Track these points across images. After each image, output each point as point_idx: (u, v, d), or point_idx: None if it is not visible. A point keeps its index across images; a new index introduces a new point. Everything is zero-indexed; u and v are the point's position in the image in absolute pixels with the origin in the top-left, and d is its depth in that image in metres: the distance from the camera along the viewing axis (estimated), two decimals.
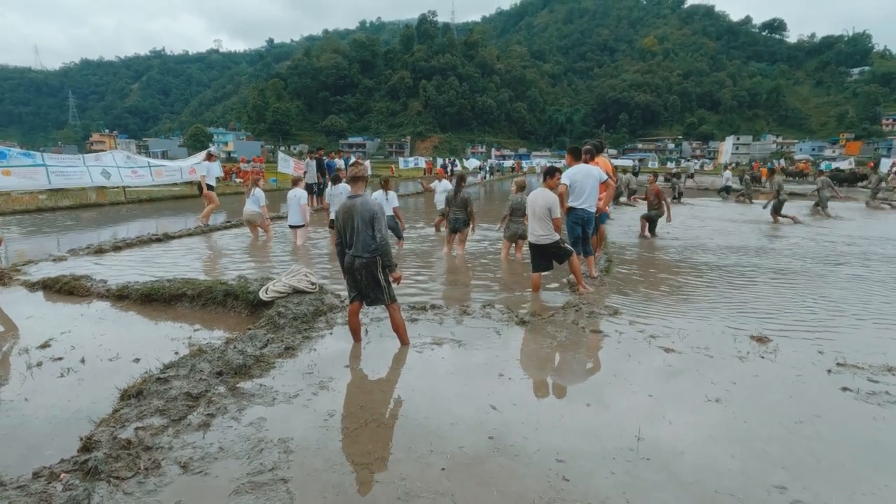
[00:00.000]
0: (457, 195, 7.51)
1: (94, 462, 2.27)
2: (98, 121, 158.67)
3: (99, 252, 7.49)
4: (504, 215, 7.56)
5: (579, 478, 2.35)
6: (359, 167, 3.89)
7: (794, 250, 8.63)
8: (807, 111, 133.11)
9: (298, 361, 3.63)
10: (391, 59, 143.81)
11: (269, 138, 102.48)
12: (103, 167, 15.80)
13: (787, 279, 6.44)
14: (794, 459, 2.52)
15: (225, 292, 5.04)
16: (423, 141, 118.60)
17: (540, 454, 2.53)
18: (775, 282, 6.30)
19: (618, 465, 2.44)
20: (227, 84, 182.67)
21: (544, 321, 4.57)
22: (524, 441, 2.64)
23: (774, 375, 3.53)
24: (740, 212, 15.33)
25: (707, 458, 2.52)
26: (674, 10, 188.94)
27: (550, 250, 5.34)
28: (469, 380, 3.38)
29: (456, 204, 7.49)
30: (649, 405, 3.07)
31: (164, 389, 2.98)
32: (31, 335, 4.18)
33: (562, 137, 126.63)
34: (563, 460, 2.47)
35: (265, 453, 2.47)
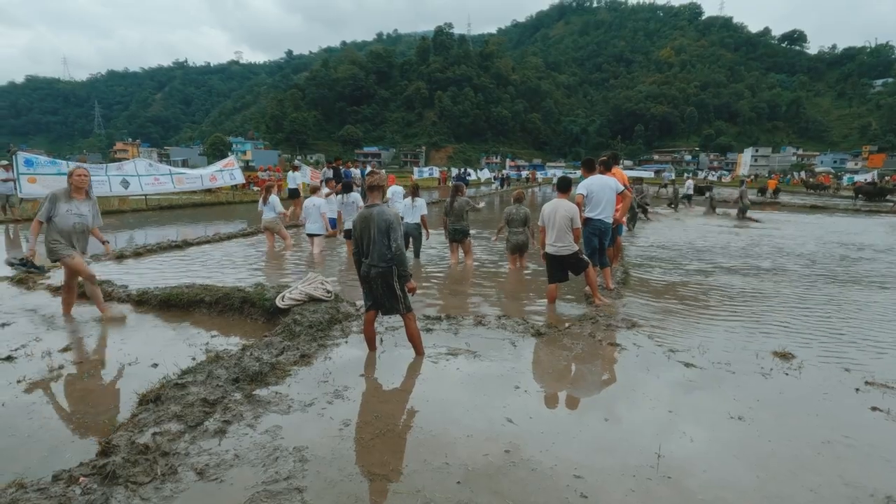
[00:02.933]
0: (452, 205, 7.49)
1: (112, 466, 2.29)
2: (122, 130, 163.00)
3: (120, 258, 7.64)
4: (500, 226, 7.56)
5: (597, 495, 2.29)
6: (376, 176, 3.90)
7: (814, 259, 8.43)
8: (828, 123, 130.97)
9: (314, 369, 3.64)
10: (407, 70, 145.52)
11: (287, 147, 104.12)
12: (123, 176, 16.19)
13: (811, 293, 6.28)
14: (821, 482, 2.43)
15: (242, 299, 5.08)
16: (438, 151, 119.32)
17: (557, 469, 2.48)
18: (800, 295, 6.15)
19: (637, 483, 2.38)
20: (247, 94, 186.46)
21: (560, 333, 4.51)
22: (541, 455, 2.59)
23: (799, 393, 3.43)
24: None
25: (730, 478, 2.45)
26: (691, 22, 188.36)
27: (568, 261, 5.30)
28: (484, 391, 3.35)
29: (453, 214, 7.46)
30: (669, 421, 3.00)
31: (181, 395, 3.00)
32: (53, 338, 4.26)
33: (577, 148, 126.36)
34: (580, 476, 2.42)
35: (280, 462, 2.46)
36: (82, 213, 4.77)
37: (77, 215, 4.71)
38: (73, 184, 4.75)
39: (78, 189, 4.78)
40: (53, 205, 4.62)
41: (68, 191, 4.75)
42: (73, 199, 4.74)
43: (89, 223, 4.85)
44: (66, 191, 4.75)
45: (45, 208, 4.61)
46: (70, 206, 4.70)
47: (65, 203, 4.67)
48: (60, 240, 4.64)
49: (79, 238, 4.78)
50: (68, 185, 4.78)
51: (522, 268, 7.43)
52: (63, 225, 4.63)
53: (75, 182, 4.76)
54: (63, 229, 4.63)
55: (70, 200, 4.72)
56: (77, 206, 4.74)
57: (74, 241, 4.74)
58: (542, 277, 6.29)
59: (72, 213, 4.68)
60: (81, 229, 4.77)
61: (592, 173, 6.06)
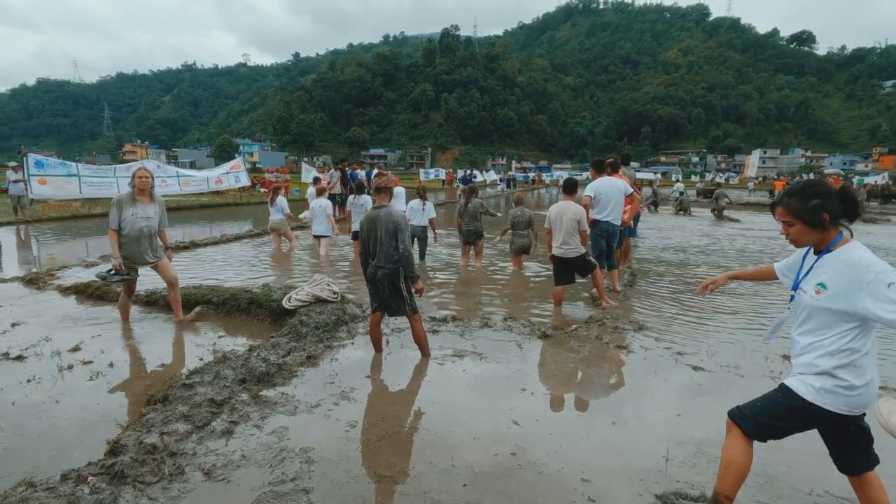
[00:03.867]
0: (467, 206, 7.50)
1: (120, 466, 2.30)
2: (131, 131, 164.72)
3: None
4: (504, 229, 7.55)
5: (605, 498, 2.27)
6: (383, 178, 3.91)
7: None
8: (837, 124, 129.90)
9: (320, 370, 3.64)
10: (413, 73, 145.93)
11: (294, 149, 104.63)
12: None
13: None
14: (830, 487, 2.40)
15: (249, 300, 5.10)
16: (444, 153, 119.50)
17: (564, 472, 2.46)
18: None
19: (644, 487, 2.36)
20: (254, 97, 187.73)
21: (567, 335, 4.49)
22: (548, 458, 2.58)
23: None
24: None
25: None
26: (698, 23, 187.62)
27: (575, 263, 5.28)
28: (491, 393, 3.34)
29: (468, 215, 7.47)
30: (677, 425, 2.97)
31: (188, 395, 3.02)
32: (63, 338, 4.30)
33: (583, 150, 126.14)
34: (588, 479, 2.41)
35: (287, 463, 2.47)
36: (149, 216, 4.58)
37: (144, 219, 4.53)
38: (136, 186, 4.57)
39: (142, 191, 4.59)
40: (120, 210, 4.45)
41: (132, 194, 4.57)
42: (139, 203, 4.55)
43: (156, 226, 4.68)
44: (130, 194, 4.57)
45: (113, 215, 4.44)
46: (136, 210, 4.51)
47: (130, 207, 4.49)
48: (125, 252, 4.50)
49: (148, 242, 4.61)
50: (131, 189, 4.60)
51: (520, 269, 7.42)
52: (131, 230, 4.47)
53: (138, 185, 4.56)
54: (131, 235, 4.48)
55: (135, 204, 4.53)
56: (143, 210, 4.56)
57: (146, 245, 4.59)
58: (548, 279, 6.28)
59: (138, 216, 4.50)
60: (149, 233, 4.60)
61: (602, 175, 6.04)
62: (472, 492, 2.29)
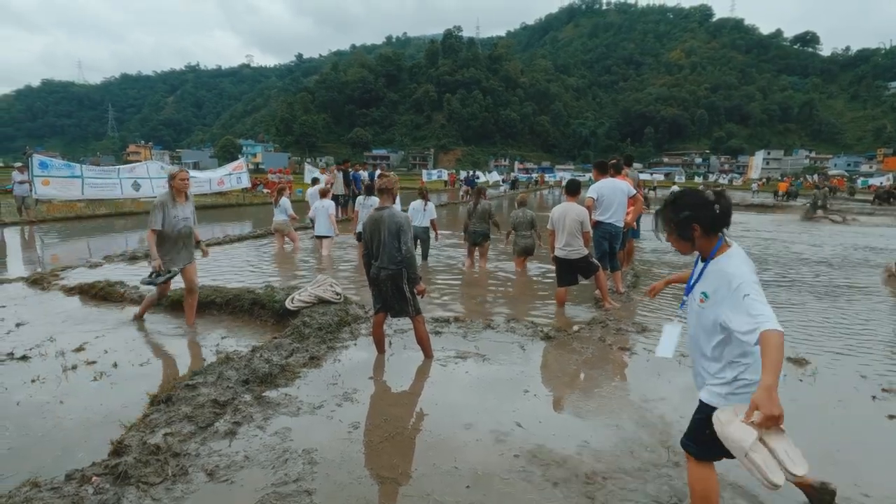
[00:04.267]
0: (476, 207, 7.51)
1: (124, 466, 2.30)
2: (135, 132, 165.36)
3: (132, 259, 7.72)
4: (507, 231, 7.57)
5: (609, 501, 2.27)
6: (385, 179, 3.91)
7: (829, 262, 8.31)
8: (842, 125, 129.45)
9: (323, 372, 3.64)
10: (416, 73, 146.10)
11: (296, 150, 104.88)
12: (135, 179, 16.40)
13: (829, 297, 6.19)
14: (838, 493, 2.38)
15: (252, 301, 5.11)
16: (447, 153, 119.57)
17: (568, 475, 2.45)
18: (814, 299, 6.06)
19: (650, 488, 2.35)
20: (258, 97, 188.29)
21: (570, 337, 4.49)
22: (551, 460, 2.57)
23: (814, 400, 3.38)
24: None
25: (746, 484, 2.41)
26: (701, 24, 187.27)
27: (578, 265, 5.27)
28: (493, 395, 3.33)
29: (476, 216, 7.47)
30: (682, 427, 2.95)
31: (192, 396, 3.02)
32: (67, 338, 4.31)
33: (586, 151, 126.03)
34: (591, 482, 2.40)
35: (290, 464, 2.47)
36: (187, 217, 4.60)
37: (183, 219, 4.54)
38: (176, 187, 4.54)
39: (180, 192, 4.58)
40: (163, 212, 4.42)
41: (172, 195, 4.53)
42: (178, 204, 4.54)
43: (192, 226, 4.69)
44: (170, 195, 4.53)
45: (157, 217, 4.39)
46: (176, 211, 4.50)
47: (172, 208, 4.47)
48: (165, 254, 4.48)
49: (186, 243, 4.62)
50: (170, 190, 4.54)
51: (523, 270, 7.43)
52: (171, 231, 4.46)
53: (178, 186, 4.54)
54: (171, 236, 4.47)
55: (175, 205, 4.51)
56: (182, 210, 4.56)
57: (182, 246, 4.58)
58: (551, 280, 6.27)
59: (178, 218, 4.50)
60: (188, 233, 4.62)
61: (604, 176, 6.03)
62: (475, 493, 2.29)
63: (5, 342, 4.23)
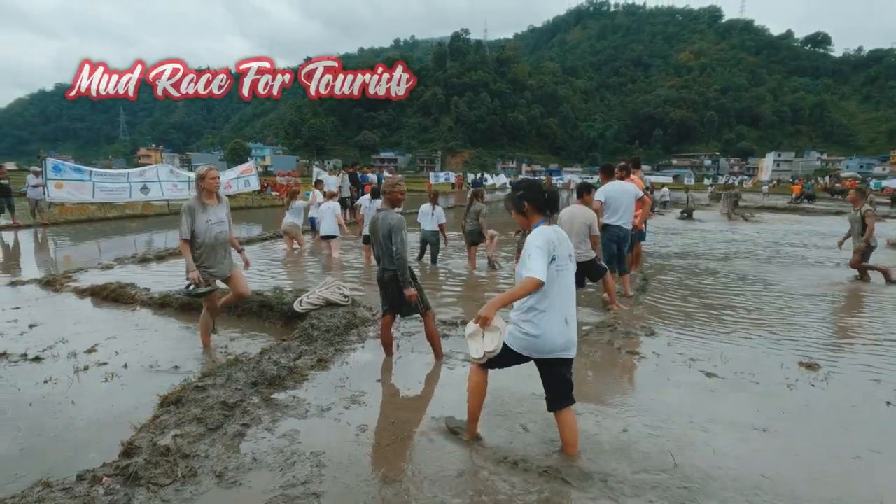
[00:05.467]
0: (469, 209, 7.66)
1: (134, 468, 2.32)
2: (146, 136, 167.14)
3: (143, 261, 7.81)
4: (517, 230, 7.56)
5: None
6: (387, 183, 3.90)
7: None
8: (854, 127, 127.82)
9: (331, 374, 3.65)
10: (424, 76, 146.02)
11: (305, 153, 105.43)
12: (144, 182, 16.59)
13: (836, 302, 6.12)
14: (851, 499, 2.35)
15: (260, 303, 5.15)
16: (454, 156, 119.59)
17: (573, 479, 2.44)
18: (825, 301, 5.99)
19: (657, 494, 2.33)
20: (266, 101, 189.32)
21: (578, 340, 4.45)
22: (559, 465, 2.55)
23: (826, 405, 3.33)
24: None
25: (755, 493, 2.38)
26: (710, 25, 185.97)
27: (586, 268, 5.25)
28: (501, 399, 3.32)
29: (470, 216, 7.60)
30: (690, 432, 2.94)
31: (201, 398, 3.04)
32: (79, 340, 4.37)
33: (594, 153, 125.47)
34: (604, 486, 2.38)
35: (298, 466, 2.48)
36: (222, 220, 4.06)
37: (217, 223, 4.01)
38: (205, 188, 3.99)
39: (210, 193, 4.03)
40: (192, 218, 3.90)
41: (200, 198, 3.99)
42: (209, 207, 4.00)
43: (228, 230, 4.14)
44: (198, 198, 3.99)
45: (186, 224, 3.87)
46: (208, 216, 3.97)
47: (202, 213, 3.94)
48: (204, 263, 4.01)
49: (224, 249, 4.13)
50: (198, 191, 4.02)
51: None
52: (206, 238, 3.94)
53: (208, 186, 3.98)
54: (206, 243, 3.95)
55: (206, 209, 3.98)
56: (215, 214, 4.03)
57: (222, 253, 4.11)
58: None
59: (212, 222, 3.97)
60: (224, 238, 4.10)
61: (611, 179, 6.01)
62: (482, 498, 2.28)
63: (19, 343, 4.29)
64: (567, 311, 2.53)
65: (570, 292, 2.57)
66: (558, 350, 2.52)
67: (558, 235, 2.53)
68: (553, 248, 2.44)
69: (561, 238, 2.53)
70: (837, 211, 22.47)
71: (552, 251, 2.44)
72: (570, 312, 2.56)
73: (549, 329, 2.46)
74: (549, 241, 2.45)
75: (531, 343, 2.49)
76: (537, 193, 2.60)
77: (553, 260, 2.43)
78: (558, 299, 2.48)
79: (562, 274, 2.50)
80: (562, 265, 2.49)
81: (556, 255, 2.46)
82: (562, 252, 2.50)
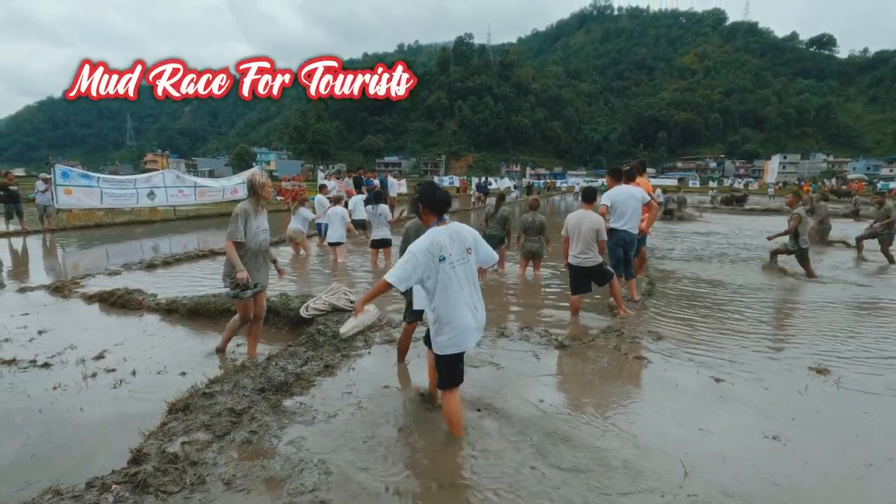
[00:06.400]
0: (496, 213, 7.56)
1: (143, 475, 2.33)
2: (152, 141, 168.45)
3: (150, 267, 7.85)
4: (517, 235, 7.56)
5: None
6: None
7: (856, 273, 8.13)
8: (860, 129, 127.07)
9: (337, 380, 3.65)
10: (428, 81, 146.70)
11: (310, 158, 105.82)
12: (151, 188, 16.71)
13: (846, 306, 6.06)
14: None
15: (267, 309, 5.14)
16: (458, 160, 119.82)
17: (582, 488, 2.42)
18: (834, 307, 5.94)
19: (665, 502, 2.31)
20: (271, 106, 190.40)
21: (584, 346, 4.44)
22: (562, 473, 2.54)
23: (838, 412, 3.30)
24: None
25: (766, 502, 2.35)
26: (714, 28, 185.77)
27: (593, 272, 5.24)
28: (507, 406, 3.30)
29: (494, 220, 7.51)
30: (699, 440, 2.91)
31: (209, 404, 3.05)
32: (87, 346, 4.39)
33: (598, 156, 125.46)
34: (606, 494, 2.36)
35: (305, 473, 2.47)
36: (266, 228, 4.07)
37: (263, 231, 4.04)
38: (265, 196, 3.99)
39: (265, 200, 4.04)
40: (247, 222, 3.87)
41: (255, 203, 3.97)
42: (259, 214, 4.02)
43: (269, 238, 4.17)
44: (254, 203, 3.96)
45: (240, 227, 3.81)
46: (258, 222, 3.96)
47: (253, 218, 3.92)
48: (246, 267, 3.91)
49: (265, 259, 4.12)
50: (254, 197, 3.96)
51: (537, 276, 7.41)
52: (253, 244, 3.93)
53: (266, 194, 3.99)
54: (251, 249, 3.94)
55: (257, 215, 3.98)
56: (262, 221, 4.03)
57: (262, 262, 4.08)
58: (562, 287, 6.22)
59: (260, 229, 3.99)
60: (267, 246, 4.11)
61: (618, 183, 5.99)
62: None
63: (28, 349, 4.32)
64: (474, 299, 2.79)
65: (471, 282, 2.79)
66: (473, 338, 2.80)
67: (450, 235, 2.75)
68: (440, 250, 2.67)
69: (454, 236, 2.76)
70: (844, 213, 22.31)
71: (438, 252, 2.66)
72: (478, 300, 2.82)
73: (463, 321, 2.71)
74: (435, 243, 2.68)
75: (453, 339, 2.73)
76: (429, 196, 2.84)
77: (442, 260, 2.66)
78: (460, 292, 2.71)
79: (458, 269, 2.73)
80: (457, 261, 2.72)
81: (445, 256, 2.67)
82: (455, 249, 2.73)
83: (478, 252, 2.88)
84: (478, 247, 2.89)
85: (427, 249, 2.66)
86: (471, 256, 2.81)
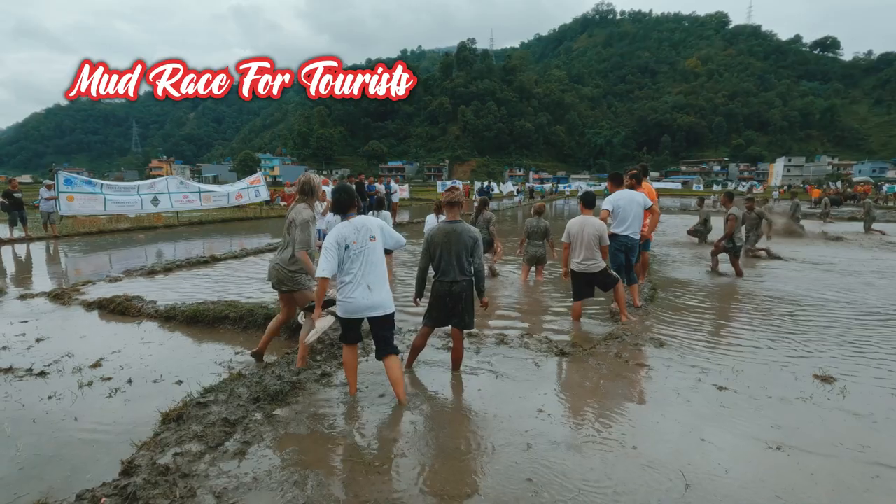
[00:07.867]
0: (477, 219, 7.68)
1: (133, 487, 2.30)
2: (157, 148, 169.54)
3: (151, 273, 7.85)
4: (521, 239, 7.54)
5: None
6: (456, 192, 3.82)
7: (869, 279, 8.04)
8: (866, 131, 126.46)
9: (334, 389, 3.61)
10: (431, 86, 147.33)
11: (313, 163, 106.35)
12: (154, 194, 16.77)
13: (852, 311, 5.97)
14: None
15: (266, 316, 5.12)
16: (462, 165, 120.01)
17: (582, 499, 2.37)
18: (844, 312, 5.85)
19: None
20: (276, 112, 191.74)
21: (585, 353, 4.39)
22: (564, 483, 2.49)
23: (843, 421, 3.23)
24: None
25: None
26: (717, 31, 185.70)
27: (597, 278, 5.19)
28: (507, 414, 3.26)
29: (478, 226, 7.53)
30: (702, 450, 2.85)
31: (203, 414, 3.02)
32: (85, 354, 4.37)
33: (601, 160, 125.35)
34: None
35: (299, 486, 2.43)
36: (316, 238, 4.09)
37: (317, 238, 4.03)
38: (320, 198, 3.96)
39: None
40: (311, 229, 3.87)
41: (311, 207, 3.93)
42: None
43: None
44: (311, 207, 3.93)
45: (312, 235, 3.81)
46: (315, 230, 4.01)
47: (313, 227, 3.95)
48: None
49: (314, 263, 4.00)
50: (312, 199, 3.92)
51: (540, 281, 7.38)
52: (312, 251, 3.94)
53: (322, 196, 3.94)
54: (311, 255, 3.92)
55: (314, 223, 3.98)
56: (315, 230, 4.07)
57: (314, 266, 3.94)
58: (563, 292, 6.17)
59: (316, 237, 4.03)
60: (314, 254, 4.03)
61: (620, 188, 5.95)
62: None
63: (25, 357, 4.30)
64: (369, 279, 3.24)
65: (371, 265, 3.26)
66: (363, 310, 3.27)
67: (354, 226, 3.27)
68: (345, 239, 3.22)
69: (358, 227, 3.27)
70: (850, 217, 22.16)
71: (343, 242, 3.21)
72: (373, 280, 3.26)
73: (354, 295, 3.23)
74: (340, 235, 3.23)
75: (345, 307, 3.27)
76: (339, 196, 3.34)
77: (347, 248, 3.22)
78: (360, 272, 3.23)
79: (362, 253, 3.24)
80: (360, 247, 3.24)
81: (349, 244, 3.22)
82: (359, 237, 3.25)
83: (385, 238, 3.37)
84: (384, 234, 3.37)
85: (335, 241, 3.21)
86: (374, 243, 3.28)
